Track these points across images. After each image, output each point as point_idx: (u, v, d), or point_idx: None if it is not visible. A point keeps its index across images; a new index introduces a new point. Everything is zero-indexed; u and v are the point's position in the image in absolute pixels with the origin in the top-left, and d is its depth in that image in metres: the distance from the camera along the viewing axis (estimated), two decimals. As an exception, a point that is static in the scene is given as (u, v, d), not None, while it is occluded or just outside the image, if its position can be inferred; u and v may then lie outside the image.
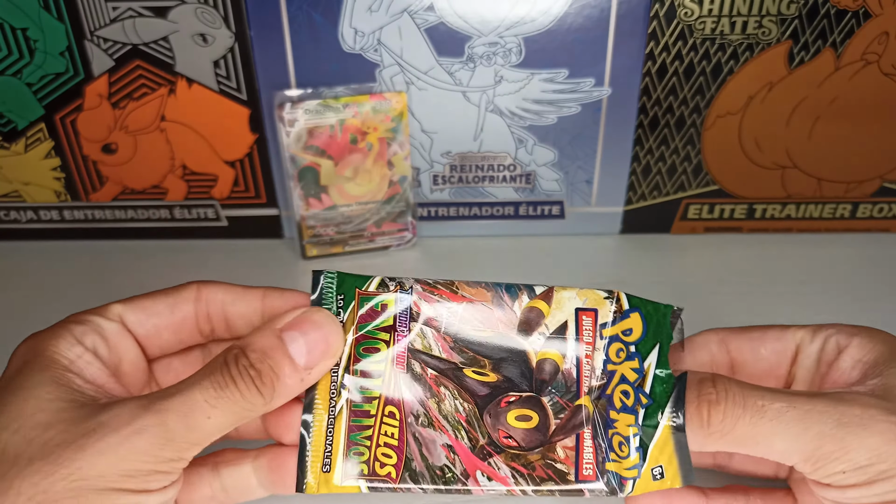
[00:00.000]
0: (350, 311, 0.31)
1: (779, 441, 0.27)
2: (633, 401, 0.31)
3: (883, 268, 0.51)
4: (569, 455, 0.31)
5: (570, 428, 0.31)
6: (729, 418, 0.28)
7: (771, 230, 0.54)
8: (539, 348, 0.31)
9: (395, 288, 0.32)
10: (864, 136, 0.49)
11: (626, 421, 0.31)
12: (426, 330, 0.32)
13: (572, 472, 0.30)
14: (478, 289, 0.32)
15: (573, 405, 0.31)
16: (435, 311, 0.32)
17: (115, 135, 0.49)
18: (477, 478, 0.30)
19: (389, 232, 0.52)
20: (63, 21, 0.45)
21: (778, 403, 0.27)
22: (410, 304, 0.32)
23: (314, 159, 0.48)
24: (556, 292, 0.32)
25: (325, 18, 0.45)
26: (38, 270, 0.53)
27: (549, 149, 0.50)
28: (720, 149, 0.50)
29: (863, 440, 0.26)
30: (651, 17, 0.44)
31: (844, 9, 0.44)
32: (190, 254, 0.53)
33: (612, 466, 0.30)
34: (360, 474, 0.30)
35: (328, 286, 0.32)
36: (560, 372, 0.31)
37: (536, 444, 0.31)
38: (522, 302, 0.32)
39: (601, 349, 0.32)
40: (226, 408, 0.28)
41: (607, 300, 0.32)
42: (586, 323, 0.32)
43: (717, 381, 0.28)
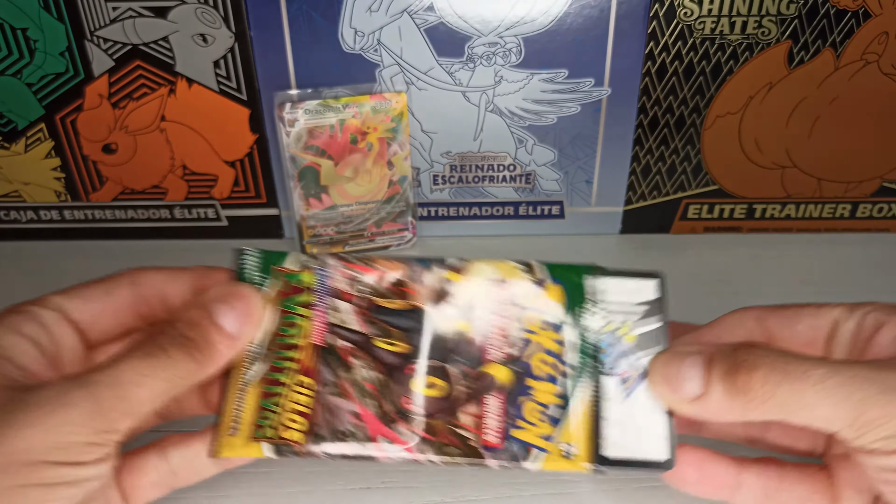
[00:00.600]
0: (270, 286, 0.33)
1: (822, 407, 0.27)
2: (554, 370, 0.32)
3: (883, 268, 0.51)
4: (472, 421, 0.31)
5: (475, 395, 0.32)
6: (770, 384, 0.27)
7: (771, 230, 0.54)
8: (449, 318, 0.33)
9: (314, 264, 0.33)
10: (864, 135, 0.49)
11: (546, 389, 0.32)
12: (341, 304, 0.33)
13: (475, 437, 0.31)
14: (393, 262, 0.33)
15: (478, 372, 0.32)
16: (350, 286, 0.33)
17: (115, 135, 0.49)
18: (380, 443, 0.31)
19: (389, 232, 0.52)
20: (63, 21, 0.45)
21: (821, 370, 0.27)
22: (327, 279, 0.33)
23: (314, 159, 0.48)
24: (471, 265, 0.33)
25: (325, 18, 0.45)
26: (38, 270, 0.53)
27: (548, 149, 0.50)
28: (720, 149, 0.50)
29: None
30: (651, 17, 0.45)
31: (844, 9, 0.44)
32: (190, 254, 0.53)
33: (521, 434, 0.31)
34: (265, 438, 0.31)
35: (251, 263, 0.33)
36: (467, 341, 0.32)
37: (440, 411, 0.31)
38: (437, 274, 0.33)
39: (515, 318, 0.32)
40: (157, 375, 0.29)
41: (521, 271, 0.33)
42: (497, 294, 0.33)
43: (754, 348, 0.28)
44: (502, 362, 0.32)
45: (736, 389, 0.28)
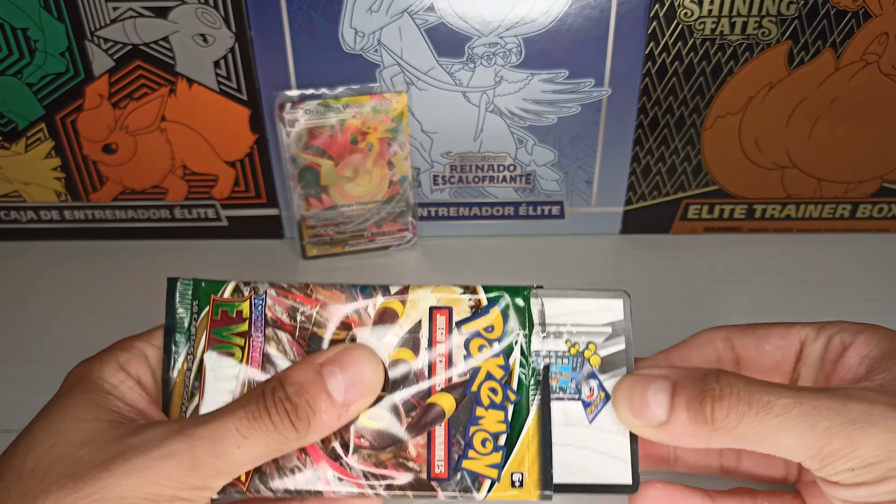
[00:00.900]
0: (204, 316, 0.32)
1: (785, 437, 0.27)
2: (502, 397, 0.31)
3: (883, 268, 0.51)
4: (420, 453, 0.31)
5: (422, 426, 0.31)
6: (733, 414, 0.27)
7: (771, 230, 0.54)
8: (392, 348, 0.32)
9: (250, 293, 0.32)
10: (864, 136, 0.49)
11: (494, 417, 0.31)
12: (281, 334, 0.32)
13: (424, 469, 0.30)
14: (332, 291, 0.32)
15: (424, 403, 0.31)
16: (289, 315, 0.32)
17: (116, 135, 0.49)
18: (328, 479, 0.30)
19: (389, 232, 0.52)
20: (63, 21, 0.45)
21: (784, 399, 0.27)
22: (264, 308, 0.32)
23: (314, 159, 0.48)
24: (412, 291, 0.32)
25: (325, 19, 0.45)
26: (38, 270, 0.53)
27: (549, 149, 0.50)
28: (720, 149, 0.50)
29: (871, 437, 0.26)
30: (651, 17, 0.45)
31: (844, 9, 0.44)
32: (190, 254, 0.53)
33: (470, 464, 0.31)
34: None
35: (184, 292, 0.32)
36: (412, 371, 0.31)
37: (388, 443, 0.31)
38: (377, 303, 0.32)
39: (460, 346, 0.32)
40: (257, 439, 0.28)
41: (463, 296, 0.32)
42: (440, 321, 0.32)
43: (721, 377, 0.28)
44: (449, 391, 0.31)
45: (701, 418, 0.28)
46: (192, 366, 0.31)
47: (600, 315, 0.32)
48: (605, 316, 0.32)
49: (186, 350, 0.32)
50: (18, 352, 0.47)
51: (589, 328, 0.32)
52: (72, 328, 0.49)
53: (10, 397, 0.45)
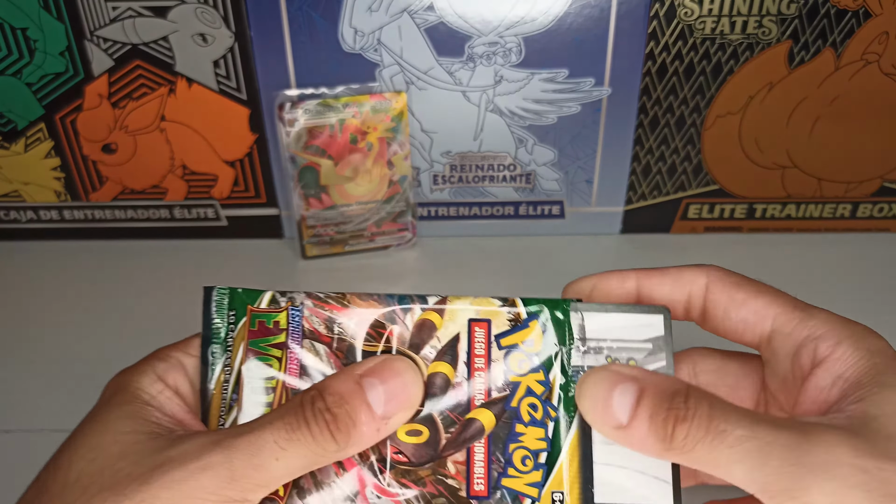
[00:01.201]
0: (241, 327, 0.31)
1: (736, 469, 0.26)
2: (542, 414, 0.30)
3: (883, 268, 0.51)
4: (460, 470, 0.30)
5: (461, 442, 0.30)
6: (690, 439, 0.27)
7: (771, 230, 0.54)
8: (430, 361, 0.31)
9: (287, 304, 0.31)
10: (864, 136, 0.49)
11: (534, 435, 0.30)
12: (318, 346, 0.31)
13: (463, 487, 0.30)
14: (369, 302, 0.31)
15: (464, 419, 0.30)
16: (326, 328, 0.31)
17: (115, 135, 0.49)
18: (366, 495, 0.30)
19: (389, 232, 0.52)
20: (63, 21, 0.45)
21: (739, 431, 0.26)
22: (302, 320, 0.31)
23: (314, 159, 0.48)
24: (450, 303, 0.32)
25: (325, 18, 0.45)
26: (38, 270, 0.53)
27: (549, 149, 0.50)
28: (720, 149, 0.50)
29: (822, 483, 0.25)
30: (651, 17, 0.44)
31: (844, 9, 0.44)
32: (190, 254, 0.53)
33: (510, 482, 0.30)
34: None
35: (220, 302, 0.31)
36: (451, 385, 0.31)
37: (427, 460, 0.30)
38: (415, 315, 0.31)
39: (499, 360, 0.31)
40: (296, 451, 0.27)
41: (503, 309, 0.31)
42: (479, 334, 0.31)
43: (690, 396, 0.27)
44: (489, 407, 0.31)
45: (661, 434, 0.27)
46: (229, 377, 0.31)
47: (640, 330, 0.31)
48: (645, 331, 0.31)
49: (224, 361, 0.31)
50: (18, 352, 0.47)
51: (629, 344, 0.31)
52: (72, 328, 0.49)
53: (10, 397, 0.45)
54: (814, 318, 0.30)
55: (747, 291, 0.31)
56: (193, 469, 0.26)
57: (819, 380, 0.29)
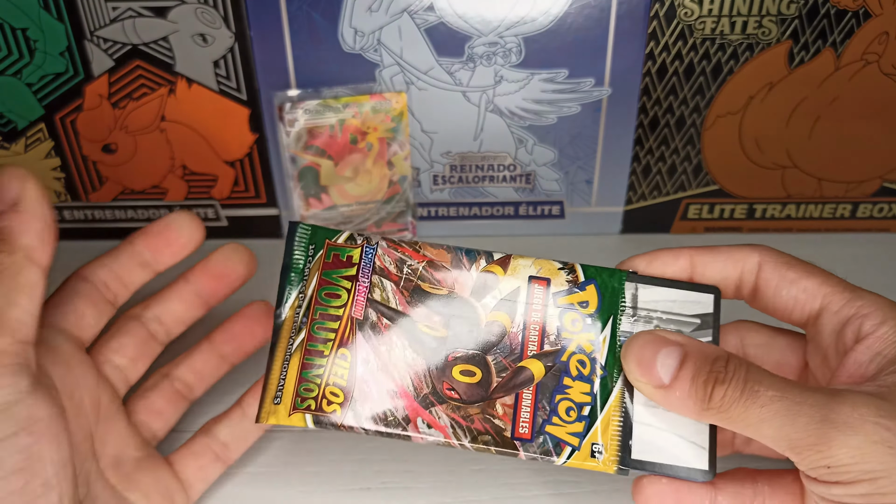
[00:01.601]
0: (318, 258, 0.34)
1: (766, 427, 0.28)
2: (590, 370, 0.32)
3: (883, 268, 0.51)
4: (507, 412, 0.32)
5: (511, 387, 0.32)
6: (727, 399, 0.28)
7: (771, 230, 0.54)
8: (490, 310, 0.33)
9: (363, 242, 0.34)
10: (864, 136, 0.49)
11: (580, 389, 0.32)
12: (386, 282, 0.33)
13: (509, 428, 0.32)
14: (439, 250, 0.34)
15: (515, 366, 0.32)
16: (396, 266, 0.34)
17: (115, 135, 0.49)
18: (417, 424, 0.32)
19: (389, 232, 0.52)
20: (63, 21, 0.45)
21: (771, 392, 0.28)
22: (374, 256, 0.34)
23: (314, 159, 0.48)
24: (514, 259, 0.34)
25: (325, 18, 0.45)
26: (38, 270, 0.53)
27: (549, 149, 0.50)
28: (720, 149, 0.50)
29: (846, 438, 0.27)
30: (651, 17, 0.45)
31: (844, 9, 0.44)
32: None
33: (553, 430, 0.32)
34: (308, 409, 0.31)
35: (302, 236, 0.34)
36: (507, 334, 0.33)
37: (477, 399, 0.32)
38: (480, 265, 0.34)
39: (554, 316, 0.33)
40: None
41: (562, 271, 0.34)
42: (538, 290, 0.33)
43: (730, 362, 0.29)
44: (540, 358, 0.33)
45: (700, 395, 0.29)
46: (302, 303, 0.33)
47: (690, 306, 0.33)
48: (695, 307, 0.33)
49: (299, 289, 0.34)
50: (18, 352, 0.47)
51: (678, 317, 0.33)
52: (71, 328, 0.48)
53: (9, 397, 0.45)
54: (862, 298, 0.31)
55: (798, 271, 0.32)
56: None
57: (859, 355, 0.30)
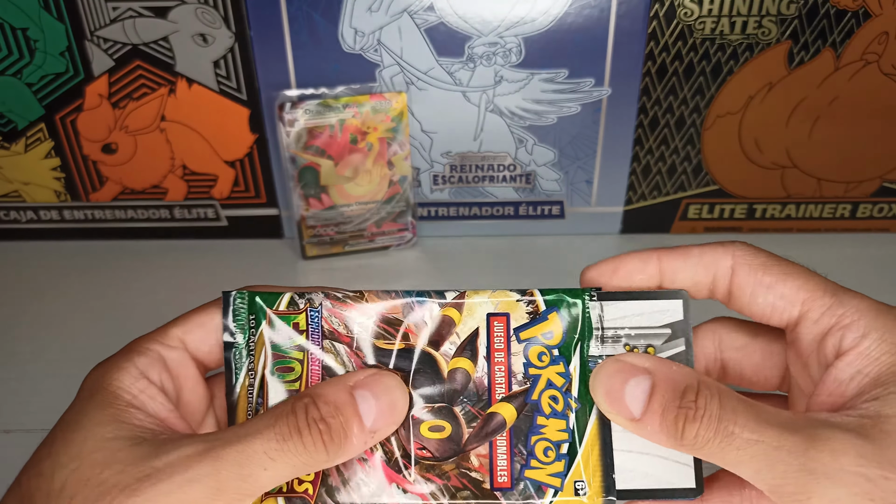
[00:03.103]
0: (261, 331, 0.31)
1: (744, 469, 0.27)
2: (563, 405, 0.31)
3: (883, 268, 0.51)
4: (483, 463, 0.31)
5: (484, 436, 0.31)
6: (700, 438, 0.27)
7: (771, 230, 0.54)
8: (450, 357, 0.31)
9: (305, 305, 0.32)
10: (864, 136, 0.49)
11: (556, 426, 0.31)
12: (339, 346, 0.31)
13: (487, 479, 0.30)
14: (388, 301, 0.32)
15: (485, 413, 0.31)
16: (345, 328, 0.32)
17: (115, 135, 0.49)
18: (392, 492, 0.30)
19: (389, 232, 0.52)
20: (63, 21, 0.45)
21: (747, 433, 0.26)
22: (321, 321, 0.32)
23: (314, 159, 0.48)
24: (468, 298, 0.32)
25: (325, 18, 0.45)
26: (37, 270, 0.53)
27: (549, 149, 0.50)
28: (720, 149, 0.50)
29: (825, 490, 0.25)
30: (651, 17, 0.45)
31: (844, 9, 0.44)
32: (190, 254, 0.53)
33: (533, 474, 0.30)
34: (280, 492, 0.30)
35: (239, 307, 0.31)
36: (471, 380, 0.31)
37: (451, 454, 0.31)
38: (433, 311, 0.32)
39: (519, 353, 0.31)
40: (285, 460, 0.27)
41: (520, 302, 0.32)
42: (497, 329, 0.32)
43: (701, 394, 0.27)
44: (510, 400, 0.31)
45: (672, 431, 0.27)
46: (253, 381, 0.31)
47: (659, 316, 0.32)
48: (663, 317, 0.32)
49: (247, 365, 0.31)
50: (18, 352, 0.47)
51: (648, 331, 0.31)
52: (72, 328, 0.49)
53: (10, 397, 0.45)
54: (844, 305, 0.29)
55: (775, 274, 0.30)
56: (180, 482, 0.26)
57: (839, 372, 0.28)
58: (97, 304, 0.50)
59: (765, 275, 0.30)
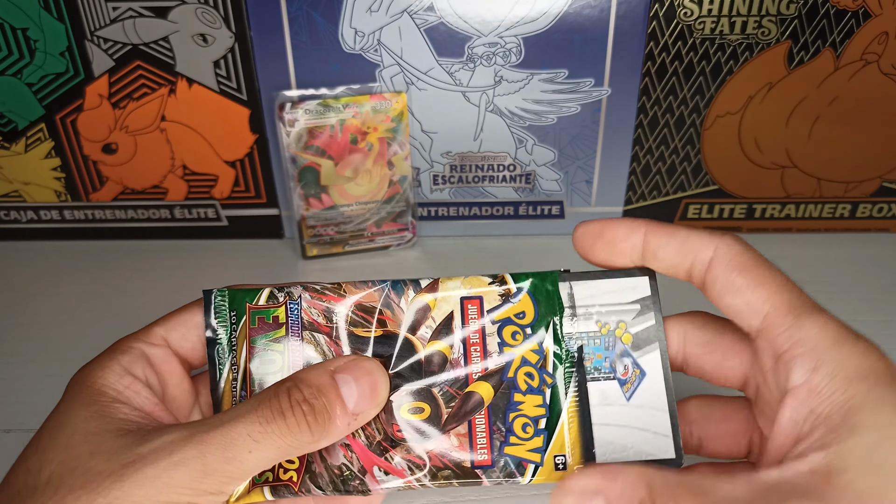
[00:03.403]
0: (242, 325, 0.32)
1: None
2: (539, 381, 0.31)
3: (883, 268, 0.51)
4: (462, 442, 0.31)
5: (463, 415, 0.31)
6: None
7: (771, 230, 0.54)
8: (427, 341, 0.32)
9: (285, 298, 0.32)
10: (864, 136, 0.49)
11: (533, 402, 0.31)
12: (318, 336, 0.32)
13: (467, 458, 0.31)
14: (364, 289, 0.33)
15: (463, 393, 0.32)
16: (325, 317, 0.32)
17: (116, 135, 0.49)
18: (374, 473, 0.31)
19: (389, 232, 0.52)
20: (63, 21, 0.45)
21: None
22: (300, 312, 0.32)
23: (314, 159, 0.48)
24: (441, 283, 0.33)
25: (325, 19, 0.45)
26: (38, 270, 0.53)
27: (548, 149, 0.50)
28: (720, 149, 0.50)
29: None
30: (651, 17, 0.45)
31: (844, 9, 0.44)
32: (190, 254, 0.53)
33: (513, 450, 0.31)
34: (266, 482, 0.31)
35: (220, 304, 0.32)
36: (448, 362, 0.32)
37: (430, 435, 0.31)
38: (409, 297, 0.33)
39: (493, 334, 0.32)
40: (270, 442, 0.28)
41: (492, 285, 0.33)
42: (472, 311, 0.33)
43: None
44: (486, 379, 0.32)
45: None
46: (237, 376, 0.32)
47: (628, 293, 0.32)
48: (632, 294, 0.32)
49: (230, 361, 0.32)
50: (18, 352, 0.47)
51: (618, 307, 0.32)
52: (72, 328, 0.49)
53: (10, 397, 0.45)
54: (802, 329, 0.28)
55: (748, 278, 0.29)
56: (166, 465, 0.26)
57: (793, 412, 0.27)
58: (97, 304, 0.50)
59: (738, 276, 0.29)
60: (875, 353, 0.27)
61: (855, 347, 0.27)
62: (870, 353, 0.27)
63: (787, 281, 0.29)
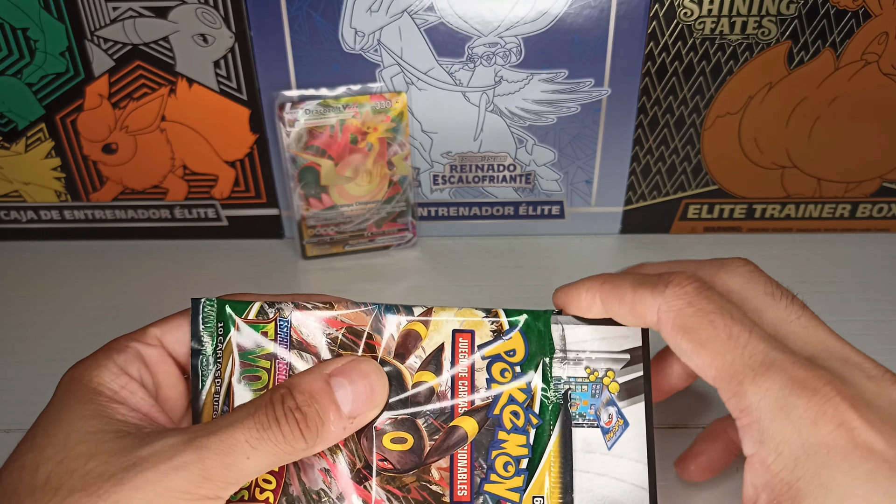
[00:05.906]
0: (230, 339, 0.32)
1: None
2: (524, 421, 0.31)
3: (883, 268, 0.51)
4: (443, 476, 0.31)
5: (445, 449, 0.31)
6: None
7: (770, 230, 0.54)
8: (415, 371, 0.32)
9: (275, 315, 0.32)
10: (864, 136, 0.49)
11: (516, 441, 0.31)
12: (306, 356, 0.32)
13: (447, 493, 0.31)
14: (356, 312, 0.32)
15: (447, 426, 0.31)
16: (314, 338, 0.32)
17: (116, 135, 0.49)
18: (352, 501, 0.30)
19: (389, 232, 0.52)
20: (63, 21, 0.45)
21: None
22: (289, 330, 0.32)
23: (314, 159, 0.48)
24: (435, 314, 0.32)
25: (325, 19, 0.45)
26: (38, 270, 0.53)
27: (548, 149, 0.50)
28: (720, 149, 0.50)
29: None
30: (651, 17, 0.45)
31: (844, 9, 0.44)
32: (190, 254, 0.53)
33: (492, 488, 0.31)
34: (241, 500, 0.30)
35: (209, 314, 0.32)
36: (435, 394, 0.32)
37: (412, 466, 0.31)
38: (400, 325, 0.32)
39: (482, 369, 0.32)
40: (266, 449, 0.28)
41: (485, 320, 0.32)
42: (462, 345, 0.32)
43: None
44: (472, 414, 0.31)
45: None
46: (220, 389, 0.31)
47: (619, 342, 0.32)
48: (623, 342, 0.32)
49: (214, 373, 0.32)
50: (18, 352, 0.47)
51: (608, 355, 0.32)
52: (72, 328, 0.49)
53: (9, 397, 0.45)
54: (745, 397, 0.27)
55: (692, 340, 0.28)
56: (166, 469, 0.26)
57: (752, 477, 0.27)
58: (97, 304, 0.50)
59: (682, 339, 0.29)
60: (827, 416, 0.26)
61: (804, 414, 0.26)
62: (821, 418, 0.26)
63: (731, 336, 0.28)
